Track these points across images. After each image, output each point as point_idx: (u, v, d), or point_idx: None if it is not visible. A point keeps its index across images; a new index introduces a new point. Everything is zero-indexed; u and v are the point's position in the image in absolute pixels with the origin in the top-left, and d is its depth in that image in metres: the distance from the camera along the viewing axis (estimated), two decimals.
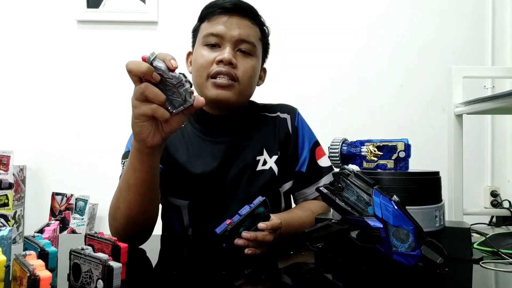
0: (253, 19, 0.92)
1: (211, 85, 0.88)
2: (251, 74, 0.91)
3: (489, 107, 1.14)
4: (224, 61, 0.86)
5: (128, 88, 0.67)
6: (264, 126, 0.98)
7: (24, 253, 0.49)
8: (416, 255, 0.55)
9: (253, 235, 0.69)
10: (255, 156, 0.94)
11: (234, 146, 0.94)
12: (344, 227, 0.63)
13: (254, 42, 0.91)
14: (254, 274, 0.65)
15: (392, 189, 0.65)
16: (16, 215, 1.89)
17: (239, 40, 0.89)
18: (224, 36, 0.88)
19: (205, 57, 0.89)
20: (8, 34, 2.03)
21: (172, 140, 0.94)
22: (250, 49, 0.90)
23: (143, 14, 2.03)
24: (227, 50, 0.87)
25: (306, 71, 2.04)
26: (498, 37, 2.05)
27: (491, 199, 1.99)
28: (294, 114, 1.01)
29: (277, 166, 0.94)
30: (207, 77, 0.88)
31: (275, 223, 0.73)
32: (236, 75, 0.88)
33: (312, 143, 1.01)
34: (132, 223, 0.76)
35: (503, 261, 0.69)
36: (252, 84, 0.93)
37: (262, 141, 0.96)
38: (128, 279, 0.57)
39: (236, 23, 0.89)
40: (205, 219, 0.91)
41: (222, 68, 0.86)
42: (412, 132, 2.00)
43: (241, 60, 0.89)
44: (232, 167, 0.92)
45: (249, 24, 0.91)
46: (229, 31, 0.88)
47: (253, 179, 0.92)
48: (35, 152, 2.01)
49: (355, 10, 2.06)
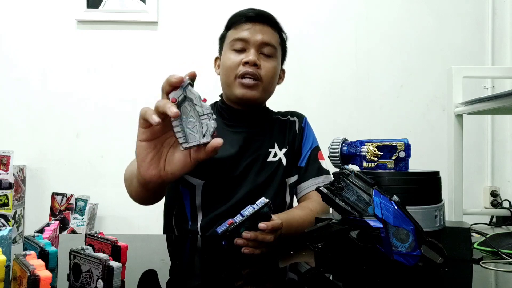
0: (273, 26, 1.03)
1: (238, 84, 0.98)
2: (273, 73, 1.01)
3: (489, 107, 1.14)
4: (249, 62, 0.97)
5: (128, 88, 0.67)
6: (276, 126, 1.10)
7: (24, 253, 0.49)
8: (416, 255, 0.55)
9: (253, 235, 0.70)
10: (268, 148, 1.05)
11: (250, 137, 1.04)
12: (344, 227, 0.63)
13: (275, 45, 1.02)
14: (254, 274, 0.65)
15: (392, 189, 0.65)
16: (16, 215, 1.89)
17: (262, 43, 0.99)
18: (249, 41, 0.99)
19: (232, 60, 0.99)
20: (8, 34, 2.03)
21: None
22: (272, 52, 1.01)
23: (143, 14, 2.03)
24: (252, 52, 0.98)
25: (307, 71, 2.04)
26: (498, 37, 2.05)
27: (491, 199, 1.99)
28: (302, 119, 1.13)
29: (285, 158, 1.05)
30: (235, 77, 0.99)
31: (276, 223, 0.73)
32: (260, 74, 0.99)
33: (314, 146, 1.11)
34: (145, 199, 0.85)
35: (503, 261, 0.69)
36: (273, 83, 1.04)
37: (274, 137, 1.07)
38: (128, 279, 0.57)
39: (259, 29, 1.00)
40: (215, 201, 0.99)
41: (248, 69, 0.97)
42: (412, 132, 2.00)
43: (264, 62, 1.00)
44: (246, 154, 1.02)
45: (270, 30, 1.02)
46: (253, 36, 0.99)
47: (262, 169, 1.01)
48: (35, 152, 2.01)
49: (355, 10, 2.06)
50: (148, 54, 2.03)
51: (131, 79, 2.02)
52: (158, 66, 2.02)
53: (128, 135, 1.95)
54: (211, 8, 2.04)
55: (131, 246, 0.62)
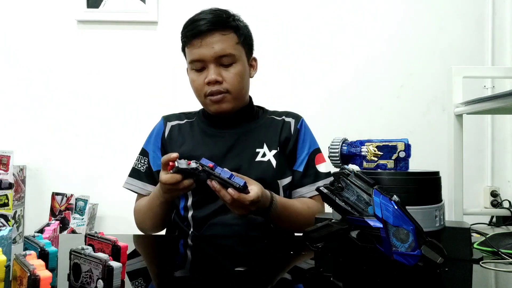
0: (223, 29, 0.98)
1: (209, 101, 1.00)
2: (238, 80, 1.00)
3: (489, 107, 1.14)
4: (211, 82, 0.97)
5: (128, 88, 0.67)
6: (268, 126, 1.08)
7: (24, 253, 0.49)
8: (416, 255, 0.55)
9: (219, 188, 0.79)
10: (255, 148, 1.03)
11: (236, 138, 1.04)
12: (344, 227, 0.63)
13: (231, 52, 0.98)
14: (254, 274, 0.65)
15: (392, 189, 0.65)
16: (16, 215, 1.89)
17: (217, 57, 0.97)
18: (204, 59, 0.98)
19: (196, 81, 1.01)
20: (8, 34, 2.03)
21: (182, 132, 1.08)
22: (230, 60, 0.99)
23: (143, 14, 2.03)
24: (211, 71, 0.97)
25: (307, 71, 2.04)
26: (498, 37, 2.04)
27: (491, 199, 1.99)
28: (298, 120, 1.10)
29: (275, 160, 1.02)
30: (204, 96, 1.00)
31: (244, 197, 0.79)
32: (226, 88, 0.98)
33: (313, 148, 1.08)
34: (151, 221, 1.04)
35: (503, 261, 0.69)
36: (242, 86, 1.02)
37: (263, 137, 1.05)
38: (128, 279, 0.57)
39: (210, 42, 0.96)
40: (205, 200, 1.00)
41: (212, 88, 0.98)
42: (412, 132, 2.00)
43: (226, 72, 0.99)
44: (231, 154, 1.02)
45: (221, 38, 0.97)
46: (206, 52, 0.97)
47: (251, 168, 1.00)
48: (35, 152, 2.01)
49: (355, 10, 2.06)
50: (148, 54, 2.03)
51: (131, 79, 2.02)
52: (158, 66, 2.02)
53: (128, 135, 1.95)
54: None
55: (131, 246, 0.62)
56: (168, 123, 1.11)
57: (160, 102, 1.94)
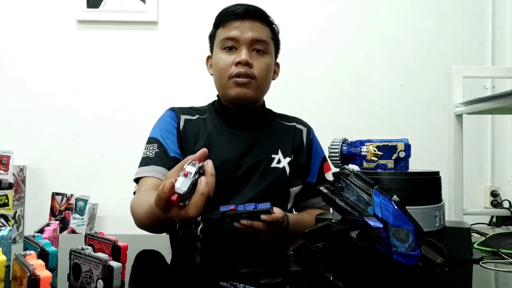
0: (263, 20, 1.00)
1: (233, 84, 0.97)
2: (266, 70, 0.99)
3: (489, 107, 1.14)
4: (242, 62, 0.95)
5: (128, 88, 0.67)
6: (281, 131, 1.07)
7: (24, 253, 0.49)
8: (416, 255, 0.55)
9: (250, 222, 0.76)
10: (271, 153, 1.02)
11: (251, 140, 1.02)
12: (344, 227, 0.63)
13: (267, 41, 1.00)
14: (254, 274, 0.65)
15: (392, 189, 0.65)
16: (16, 215, 1.89)
17: (253, 40, 0.97)
18: (239, 39, 0.97)
19: (224, 60, 0.98)
20: (8, 34, 2.03)
21: (195, 129, 1.03)
22: (264, 47, 0.99)
23: (143, 14, 2.03)
24: (243, 52, 0.96)
25: (307, 71, 2.04)
26: (498, 37, 2.04)
27: (491, 199, 1.99)
28: (309, 129, 1.12)
29: (289, 168, 1.02)
30: (229, 78, 0.97)
31: (277, 216, 0.77)
32: (253, 73, 0.97)
33: (322, 157, 1.10)
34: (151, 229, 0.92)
35: (503, 261, 0.69)
36: (267, 80, 1.02)
37: (278, 142, 1.04)
38: (128, 279, 0.57)
39: (249, 26, 0.97)
40: (215, 205, 0.93)
41: (240, 69, 0.95)
42: (412, 132, 2.00)
43: (257, 59, 0.98)
44: (247, 158, 0.99)
45: (260, 26, 0.99)
46: (243, 34, 0.97)
47: (266, 174, 0.99)
48: (35, 152, 2.01)
49: (355, 10, 2.06)
50: (148, 54, 2.03)
51: (131, 79, 2.02)
52: (158, 66, 2.02)
53: (128, 135, 1.95)
54: (211, 8, 2.04)
55: (131, 246, 0.62)
56: (182, 115, 1.05)
57: (160, 102, 1.93)
